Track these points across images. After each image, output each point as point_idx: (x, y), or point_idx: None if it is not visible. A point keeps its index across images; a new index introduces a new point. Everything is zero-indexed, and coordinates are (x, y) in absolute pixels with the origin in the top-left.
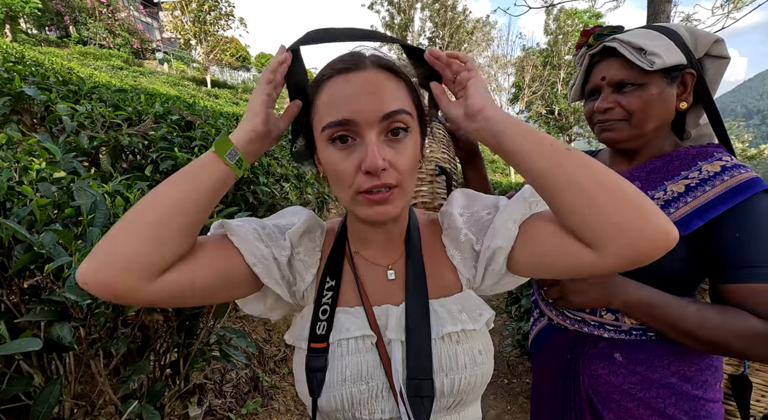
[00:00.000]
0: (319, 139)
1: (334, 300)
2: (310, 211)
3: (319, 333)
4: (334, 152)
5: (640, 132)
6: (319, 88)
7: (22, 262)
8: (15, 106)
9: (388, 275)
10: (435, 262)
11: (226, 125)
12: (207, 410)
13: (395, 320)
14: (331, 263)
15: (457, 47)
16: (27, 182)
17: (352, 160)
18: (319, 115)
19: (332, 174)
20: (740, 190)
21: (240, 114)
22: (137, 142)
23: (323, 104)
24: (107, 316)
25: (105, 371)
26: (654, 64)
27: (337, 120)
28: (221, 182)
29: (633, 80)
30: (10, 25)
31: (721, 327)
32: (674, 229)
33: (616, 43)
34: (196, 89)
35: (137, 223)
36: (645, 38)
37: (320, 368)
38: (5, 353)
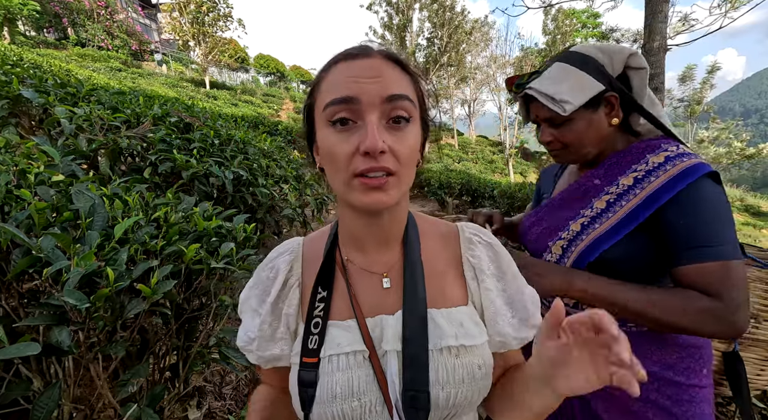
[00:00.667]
0: (319, 122)
1: (326, 312)
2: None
3: (311, 347)
4: (333, 134)
5: (583, 154)
6: (325, 72)
7: (20, 266)
8: (13, 108)
9: (383, 284)
10: (440, 269)
11: (225, 126)
12: (206, 413)
13: (391, 331)
14: (323, 273)
15: (456, 48)
16: (25, 186)
17: (350, 142)
18: (322, 96)
19: (329, 157)
20: (682, 177)
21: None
22: (136, 145)
23: (327, 85)
24: (106, 320)
25: (104, 375)
26: (566, 110)
27: (340, 97)
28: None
29: (559, 118)
30: (8, 27)
31: (671, 307)
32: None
33: (533, 92)
34: (194, 90)
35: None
36: (554, 84)
37: (311, 383)
38: (3, 358)
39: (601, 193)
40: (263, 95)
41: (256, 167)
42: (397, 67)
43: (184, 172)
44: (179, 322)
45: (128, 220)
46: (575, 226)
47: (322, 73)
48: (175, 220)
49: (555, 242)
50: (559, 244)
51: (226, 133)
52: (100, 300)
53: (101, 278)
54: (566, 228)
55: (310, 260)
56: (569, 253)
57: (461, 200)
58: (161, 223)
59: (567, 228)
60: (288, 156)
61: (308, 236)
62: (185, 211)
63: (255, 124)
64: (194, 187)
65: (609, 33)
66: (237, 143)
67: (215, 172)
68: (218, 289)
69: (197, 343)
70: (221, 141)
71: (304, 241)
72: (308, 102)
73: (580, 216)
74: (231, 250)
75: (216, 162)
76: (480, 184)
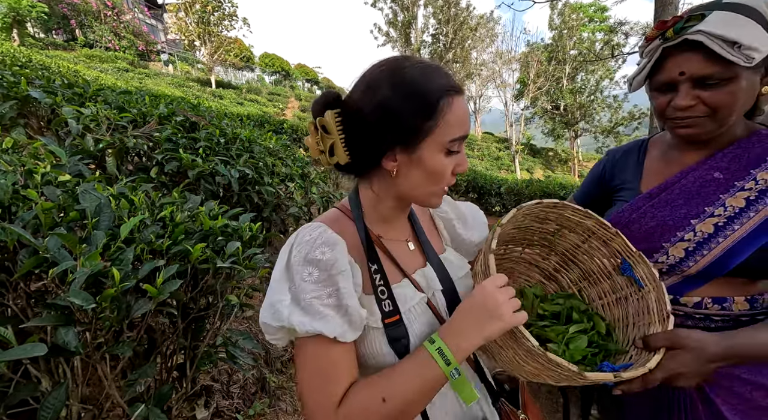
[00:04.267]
0: (433, 144)
1: (385, 280)
2: (325, 242)
3: (387, 310)
4: (444, 159)
5: (724, 126)
6: (444, 99)
7: (26, 266)
8: (22, 109)
9: (409, 247)
10: (426, 227)
11: (231, 125)
12: (214, 412)
13: (432, 277)
14: (369, 250)
15: (461, 44)
16: (32, 186)
17: (451, 164)
18: (451, 128)
19: (433, 174)
20: None
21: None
22: (142, 144)
23: (454, 119)
24: (112, 320)
25: (111, 375)
26: (753, 59)
27: (462, 135)
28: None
29: (720, 75)
30: (17, 29)
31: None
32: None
33: (703, 37)
34: (200, 90)
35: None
36: (735, 28)
37: (402, 336)
38: (10, 359)
39: (733, 189)
40: (268, 94)
41: (261, 166)
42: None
43: (190, 171)
44: (186, 321)
45: (134, 220)
46: (704, 227)
47: (444, 99)
48: (181, 220)
49: (674, 244)
50: (680, 246)
51: (231, 131)
52: (106, 300)
53: (107, 278)
54: (688, 228)
55: (347, 239)
56: (697, 257)
57: (467, 197)
58: (167, 222)
59: (690, 228)
60: (294, 154)
61: (324, 220)
62: (191, 210)
63: (260, 122)
64: (200, 186)
65: (617, 26)
66: (242, 142)
67: (221, 171)
68: (225, 289)
69: (204, 343)
70: (227, 140)
71: (328, 225)
72: (427, 124)
73: (707, 215)
74: (237, 249)
75: (222, 161)
76: (486, 181)
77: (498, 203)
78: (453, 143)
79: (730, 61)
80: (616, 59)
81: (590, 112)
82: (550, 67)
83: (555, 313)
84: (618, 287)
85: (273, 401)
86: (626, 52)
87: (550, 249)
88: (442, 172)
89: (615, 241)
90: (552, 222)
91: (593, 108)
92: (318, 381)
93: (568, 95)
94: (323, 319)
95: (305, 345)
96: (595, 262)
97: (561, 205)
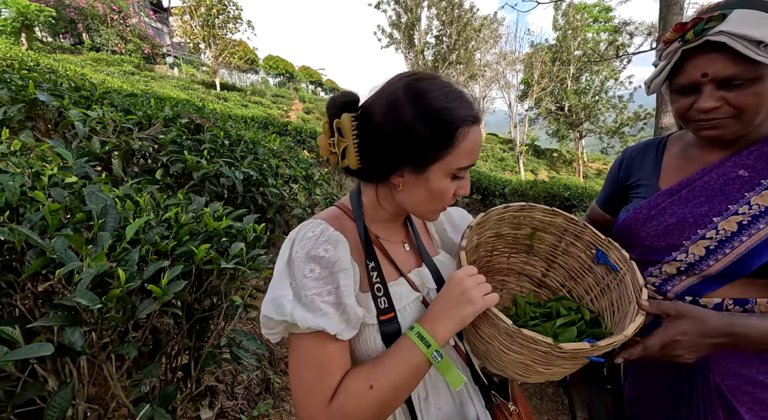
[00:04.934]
0: (441, 169)
1: (382, 278)
2: (329, 241)
3: (383, 307)
4: (450, 183)
5: (750, 126)
6: (462, 128)
7: (34, 267)
8: (29, 112)
9: (405, 248)
10: (421, 232)
11: (235, 127)
12: (219, 412)
13: (427, 276)
14: (368, 249)
15: (465, 45)
16: (39, 188)
17: (453, 188)
18: (462, 156)
19: (437, 195)
20: None
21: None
22: (147, 146)
23: (467, 148)
24: (118, 321)
25: (117, 375)
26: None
27: (470, 164)
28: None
29: (744, 76)
30: (25, 33)
31: None
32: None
33: (725, 38)
34: (205, 92)
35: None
36: (759, 27)
37: (395, 332)
38: (17, 358)
39: (759, 187)
40: (273, 96)
41: (265, 167)
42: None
43: (194, 173)
44: (190, 322)
45: (139, 221)
46: (727, 225)
47: (461, 128)
48: (186, 221)
49: (695, 242)
50: (701, 244)
51: (236, 133)
52: (112, 300)
53: (113, 279)
54: (710, 226)
55: (347, 238)
56: (719, 255)
57: (471, 198)
58: (172, 223)
59: (712, 226)
60: (297, 156)
61: (325, 217)
62: (196, 211)
63: (265, 124)
64: (205, 187)
65: (622, 26)
66: (247, 144)
67: (225, 173)
68: (229, 289)
69: (208, 343)
70: (231, 142)
71: (329, 222)
72: (438, 151)
73: (731, 213)
74: (241, 250)
75: (226, 162)
76: (490, 182)
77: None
78: (461, 170)
79: (755, 60)
80: (620, 59)
81: (595, 113)
82: (555, 68)
83: (546, 313)
84: (599, 278)
85: (277, 402)
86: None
87: (532, 254)
88: (445, 194)
89: (585, 233)
90: (526, 226)
91: (598, 108)
92: (312, 375)
93: (573, 96)
94: (325, 315)
95: (302, 340)
96: (575, 258)
97: (528, 207)
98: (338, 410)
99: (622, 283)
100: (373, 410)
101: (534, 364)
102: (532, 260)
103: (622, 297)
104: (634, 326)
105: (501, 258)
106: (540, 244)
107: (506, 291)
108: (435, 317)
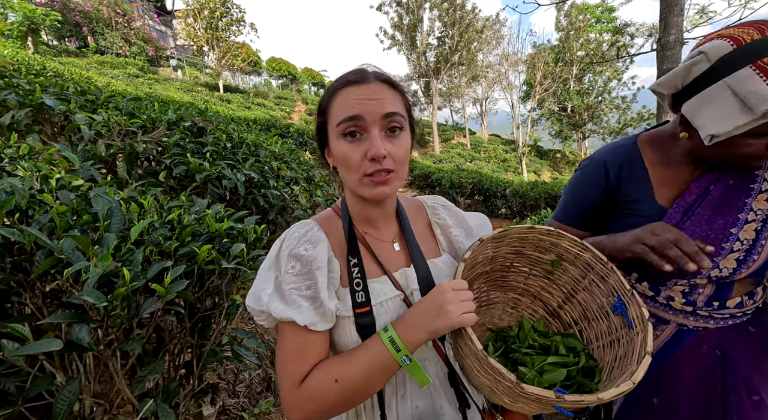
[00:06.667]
0: (332, 135)
1: (362, 274)
2: (306, 237)
3: (359, 301)
4: (345, 144)
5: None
6: (333, 95)
7: (43, 266)
8: (36, 116)
9: (394, 247)
10: (420, 231)
11: (237, 130)
12: (220, 410)
13: (412, 277)
14: (350, 246)
15: (467, 46)
16: (47, 190)
17: (359, 150)
18: (335, 115)
19: (343, 162)
20: None
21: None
22: (151, 149)
23: (337, 107)
24: (123, 318)
25: (122, 371)
26: None
27: (350, 116)
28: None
29: None
30: (31, 37)
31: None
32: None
33: None
34: (209, 94)
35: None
36: None
37: (370, 325)
38: (28, 353)
39: (753, 192)
40: (275, 98)
41: (267, 169)
42: (390, 88)
43: (197, 175)
44: (193, 320)
45: (143, 222)
46: (747, 234)
47: (330, 97)
48: (188, 222)
49: (725, 256)
50: (731, 257)
51: (238, 136)
52: (117, 299)
53: (118, 278)
54: (731, 238)
55: (333, 237)
56: (749, 263)
57: (473, 200)
58: (175, 224)
59: (734, 238)
60: (299, 158)
61: (317, 218)
62: (198, 213)
63: (267, 126)
64: (207, 189)
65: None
66: (249, 146)
67: (227, 175)
68: (230, 289)
69: (210, 341)
70: (233, 144)
71: (317, 222)
72: (321, 120)
73: (743, 222)
74: (242, 250)
75: (228, 165)
76: (492, 183)
77: (504, 205)
78: (341, 126)
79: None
80: (623, 60)
81: (598, 114)
82: (557, 69)
83: (546, 346)
84: (614, 328)
85: (278, 401)
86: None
87: (552, 281)
88: (347, 157)
89: (611, 277)
90: (550, 252)
91: (601, 109)
92: (288, 359)
93: (576, 96)
94: (298, 308)
95: (284, 328)
96: (596, 299)
97: (556, 234)
98: (305, 393)
99: (631, 342)
100: (337, 401)
101: (500, 394)
102: (550, 288)
103: (627, 357)
104: (612, 393)
105: (518, 276)
106: (562, 273)
107: (518, 310)
108: (410, 323)
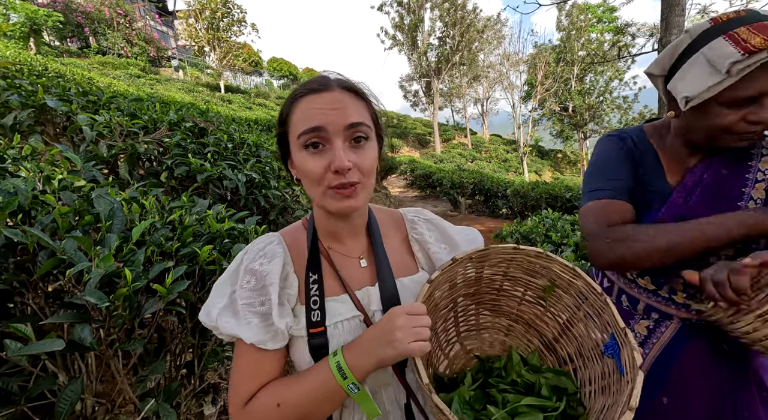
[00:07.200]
0: (294, 146)
1: (321, 291)
2: (260, 247)
3: (314, 320)
4: (307, 157)
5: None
6: (293, 104)
7: (45, 267)
8: (39, 117)
9: (361, 263)
10: (396, 246)
11: (238, 130)
12: (221, 409)
13: (375, 297)
14: (311, 261)
15: (468, 46)
16: (50, 191)
17: (322, 162)
18: (295, 126)
19: (306, 174)
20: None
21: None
22: (153, 150)
23: (298, 117)
24: (124, 318)
25: (124, 371)
26: None
27: (311, 127)
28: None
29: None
30: (34, 38)
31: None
32: None
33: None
34: (210, 95)
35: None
36: None
37: (322, 346)
38: (31, 353)
39: (749, 182)
40: (277, 98)
41: (268, 170)
42: (354, 96)
43: (198, 176)
44: (194, 320)
45: (145, 223)
46: None
47: (290, 106)
48: (190, 223)
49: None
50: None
51: (239, 136)
52: (119, 299)
53: (120, 278)
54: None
55: (296, 251)
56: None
57: (474, 200)
58: (176, 225)
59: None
60: None
61: (283, 231)
62: (199, 213)
63: (268, 127)
64: (208, 190)
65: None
66: (250, 147)
67: (229, 176)
68: None
69: (211, 341)
70: (235, 145)
71: (282, 235)
72: (281, 130)
73: (747, 211)
74: None
75: (229, 165)
76: (493, 183)
77: (504, 205)
78: (303, 137)
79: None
80: (624, 60)
81: (599, 114)
82: (558, 69)
83: (530, 384)
84: (607, 372)
85: None
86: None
87: (546, 309)
88: (311, 169)
89: (606, 312)
90: (542, 276)
91: (602, 109)
92: (237, 377)
93: (577, 96)
94: (248, 325)
95: (238, 344)
96: (592, 334)
97: (545, 257)
98: (248, 415)
99: (619, 391)
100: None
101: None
102: (545, 317)
103: (614, 408)
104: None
105: (511, 301)
106: (556, 301)
107: (511, 337)
108: (359, 348)
